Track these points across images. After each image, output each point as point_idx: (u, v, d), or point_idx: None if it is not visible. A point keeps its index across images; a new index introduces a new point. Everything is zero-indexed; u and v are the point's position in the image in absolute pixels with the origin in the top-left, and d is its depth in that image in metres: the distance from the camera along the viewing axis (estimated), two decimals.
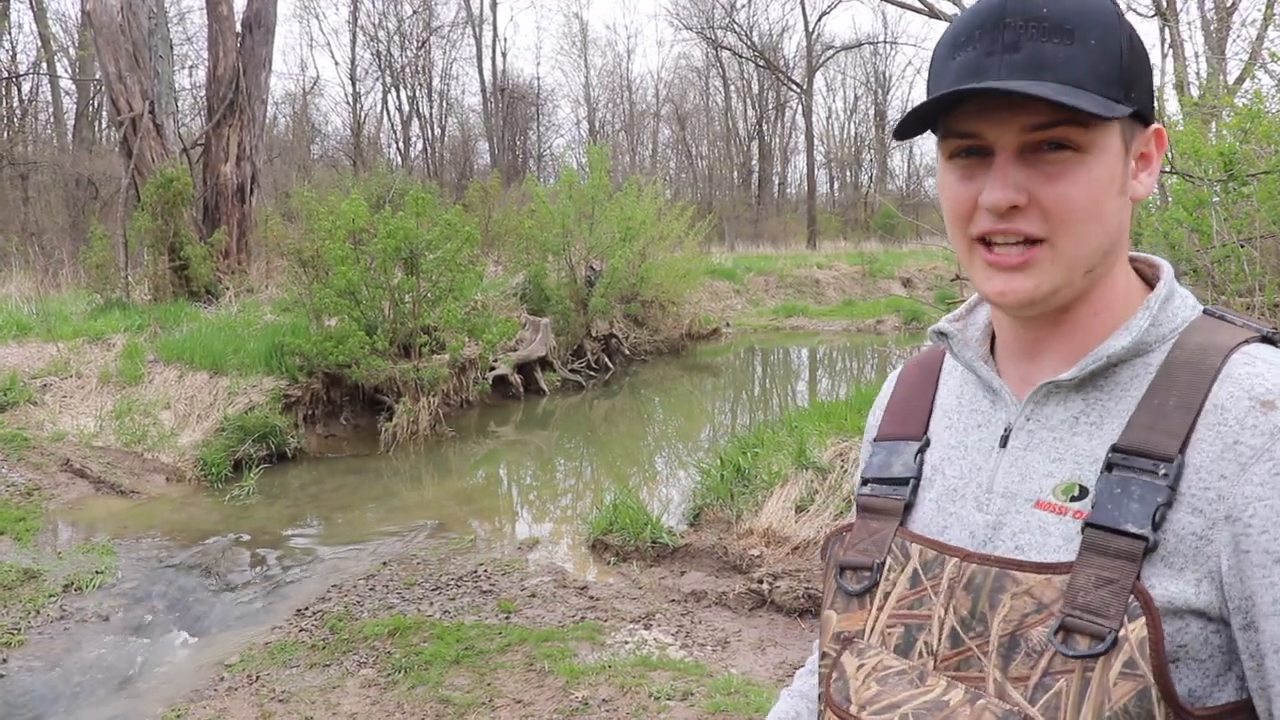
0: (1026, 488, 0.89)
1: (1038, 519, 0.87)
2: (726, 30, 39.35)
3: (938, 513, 0.96)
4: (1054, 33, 0.82)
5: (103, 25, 12.99)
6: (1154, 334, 0.88)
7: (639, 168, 39.56)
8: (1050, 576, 0.83)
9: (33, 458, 7.85)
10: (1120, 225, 0.89)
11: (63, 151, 25.66)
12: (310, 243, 10.56)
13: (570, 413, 12.08)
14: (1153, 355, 0.88)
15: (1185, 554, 0.79)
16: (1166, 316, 0.89)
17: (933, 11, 12.95)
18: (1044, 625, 0.81)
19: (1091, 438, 0.87)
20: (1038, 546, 0.86)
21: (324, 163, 34.05)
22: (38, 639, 5.05)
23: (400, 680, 4.44)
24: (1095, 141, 0.84)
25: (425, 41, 38.35)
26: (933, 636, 0.89)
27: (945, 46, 0.89)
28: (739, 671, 4.47)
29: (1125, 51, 0.85)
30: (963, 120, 0.87)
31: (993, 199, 0.85)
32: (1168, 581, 0.79)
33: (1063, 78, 0.82)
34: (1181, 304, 0.91)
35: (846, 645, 0.97)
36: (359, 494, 8.18)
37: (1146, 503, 0.80)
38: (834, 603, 1.01)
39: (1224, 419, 0.80)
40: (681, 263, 16.93)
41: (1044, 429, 0.90)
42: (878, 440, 1.08)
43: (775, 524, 6.08)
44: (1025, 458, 0.91)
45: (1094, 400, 0.88)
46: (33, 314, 11.15)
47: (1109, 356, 0.87)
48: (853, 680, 0.94)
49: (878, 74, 43.69)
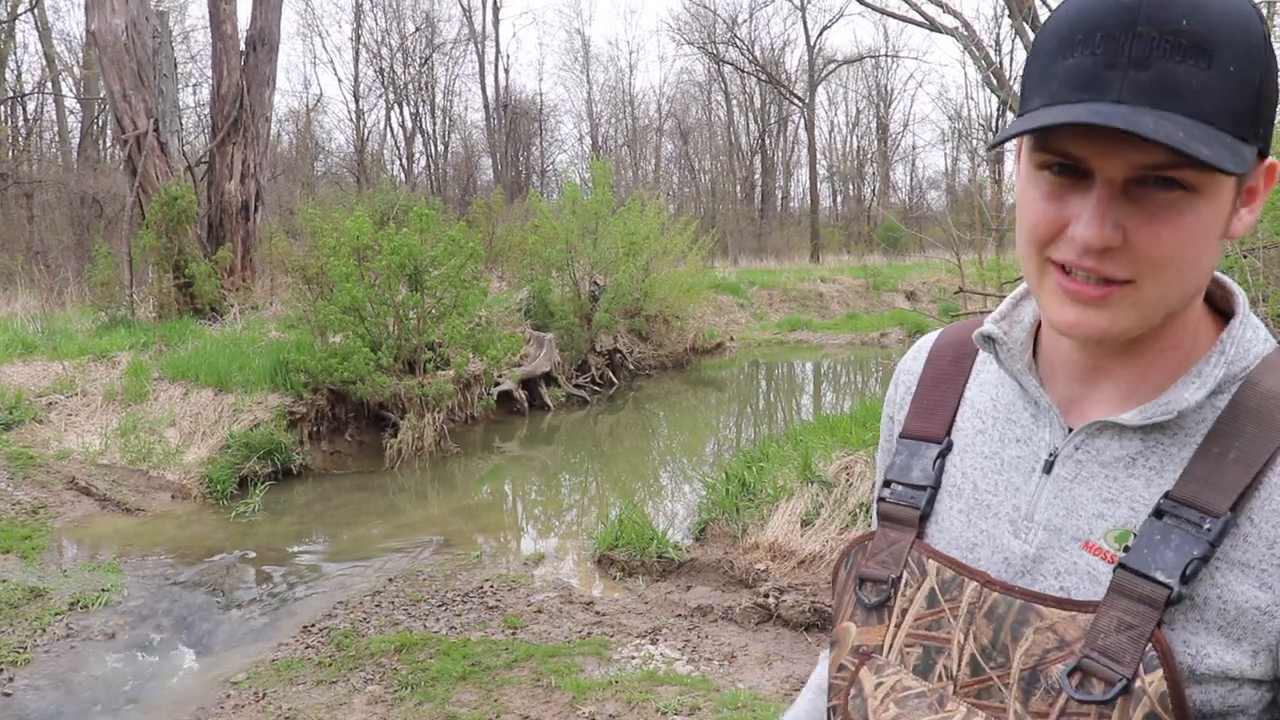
0: (1073, 524, 0.84)
1: (1086, 562, 0.83)
2: (728, 45, 39.58)
3: (967, 527, 0.92)
4: (1191, 52, 0.71)
5: (107, 44, 13.07)
6: (1224, 376, 0.82)
7: (642, 183, 39.69)
8: (1075, 614, 0.80)
9: (38, 476, 7.87)
10: (1212, 268, 0.81)
11: (67, 170, 25.81)
12: (315, 260, 10.59)
13: (575, 428, 12.08)
14: (1220, 397, 0.82)
15: (1245, 626, 0.75)
16: (1239, 354, 0.83)
17: (934, 25, 12.98)
18: (1063, 664, 0.79)
19: (1150, 484, 0.81)
20: (1086, 592, 0.82)
21: (328, 180, 34.18)
22: (44, 657, 5.05)
23: (407, 697, 4.43)
24: (1210, 182, 0.75)
25: (428, 58, 38.55)
26: (952, 661, 0.86)
27: (1055, 40, 0.77)
28: (746, 686, 4.45)
29: (1264, 82, 0.75)
30: (1068, 139, 0.76)
31: (1087, 236, 0.76)
32: (1223, 650, 0.76)
33: (1193, 110, 0.71)
34: (1254, 337, 0.84)
35: (865, 660, 0.93)
36: (364, 510, 8.18)
37: (1181, 554, 0.76)
38: (853, 615, 0.97)
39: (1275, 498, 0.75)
40: (685, 277, 16.94)
41: (1096, 463, 0.85)
42: (903, 436, 1.02)
43: (781, 538, 6.07)
44: (1073, 490, 0.85)
45: (1154, 442, 0.82)
46: (38, 332, 11.17)
47: (1181, 411, 0.80)
48: (871, 699, 0.91)
49: (879, 87, 43.84)
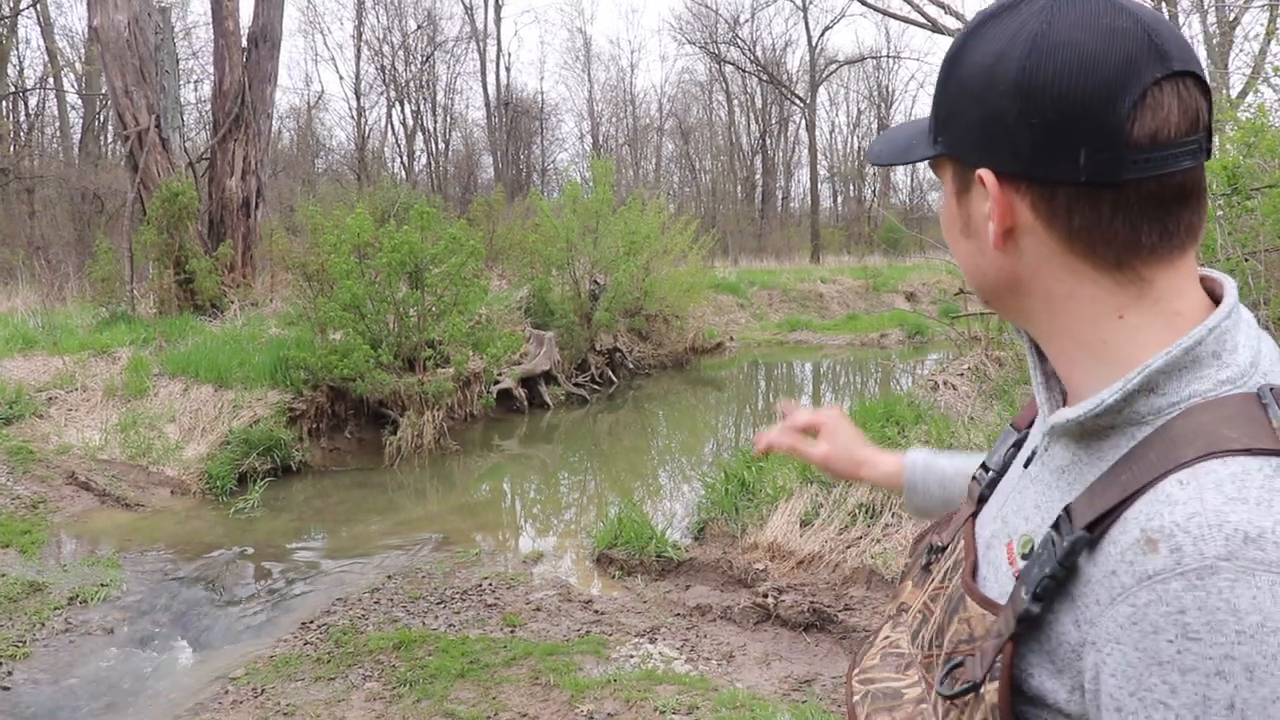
0: (1012, 522, 0.85)
1: (1000, 557, 0.84)
2: (730, 45, 39.60)
3: (988, 514, 0.94)
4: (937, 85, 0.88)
5: (110, 41, 13.07)
6: (1149, 405, 0.76)
7: (643, 182, 39.67)
8: (986, 614, 0.80)
9: (38, 471, 7.87)
10: (978, 268, 0.87)
11: (69, 165, 25.83)
12: (315, 257, 10.59)
13: (574, 426, 12.09)
14: (1143, 430, 0.76)
15: (1064, 658, 0.73)
16: (1175, 387, 0.75)
17: (935, 26, 12.99)
18: (960, 656, 0.81)
19: (1065, 495, 0.80)
20: (990, 583, 0.84)
21: (328, 177, 34.19)
22: (43, 652, 5.05)
23: (405, 694, 4.44)
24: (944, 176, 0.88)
25: (429, 56, 38.57)
26: (927, 633, 0.90)
27: None
28: (744, 685, 4.46)
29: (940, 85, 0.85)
30: None
31: None
32: (1048, 677, 0.74)
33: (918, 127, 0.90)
34: (1211, 375, 0.75)
35: (897, 615, 0.99)
36: (363, 507, 8.18)
37: (1041, 569, 0.74)
38: (914, 575, 1.01)
39: (1118, 539, 0.70)
40: (685, 277, 16.95)
41: (1046, 469, 0.85)
42: (1011, 424, 1.04)
43: (780, 538, 6.07)
44: (1026, 491, 0.86)
45: (1077, 458, 0.81)
46: (39, 327, 11.18)
47: (1054, 425, 0.81)
48: (872, 648, 0.98)
49: (881, 88, 43.90)
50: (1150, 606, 0.66)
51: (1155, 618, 0.65)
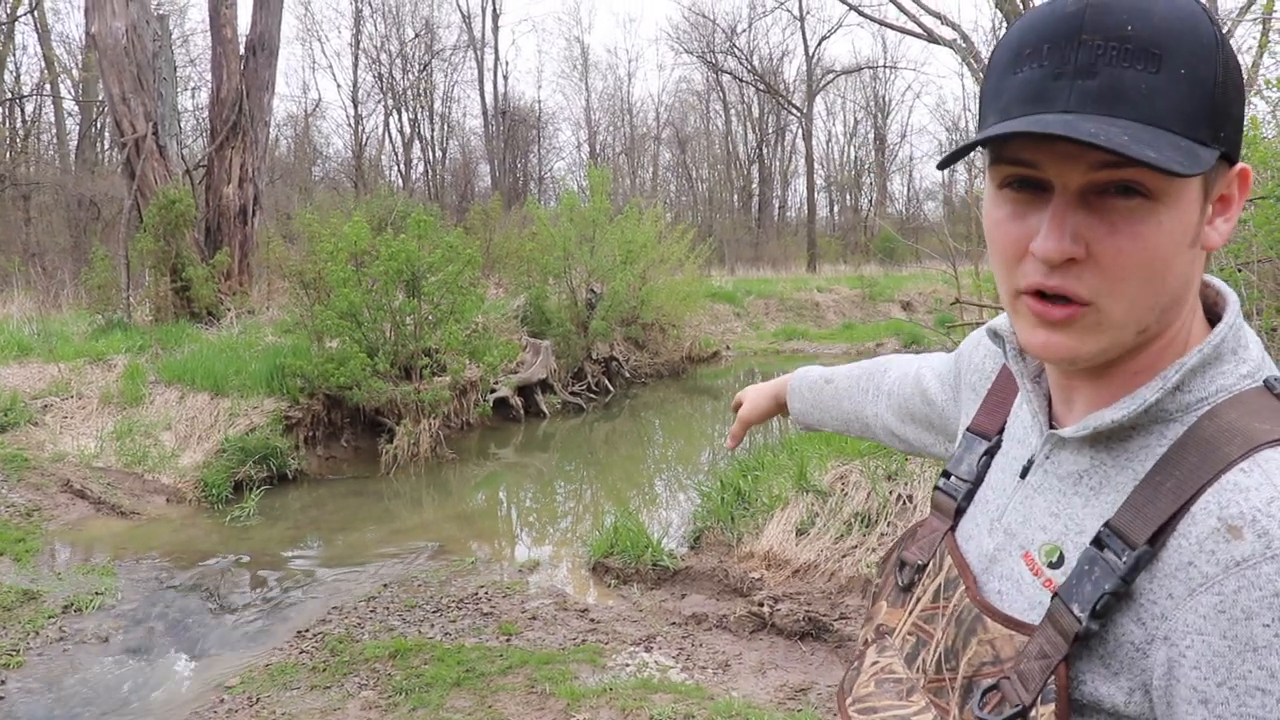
0: (1024, 532, 0.84)
1: (1018, 570, 0.83)
2: (727, 54, 39.66)
3: (973, 526, 0.93)
4: (1138, 57, 0.71)
5: (107, 48, 13.09)
6: (1177, 402, 0.77)
7: (639, 191, 39.76)
8: (1014, 634, 0.79)
9: (33, 478, 7.86)
10: (1186, 281, 0.78)
11: (65, 172, 25.80)
12: (312, 265, 10.60)
13: (571, 435, 12.09)
14: (1171, 427, 0.76)
15: (1123, 660, 0.72)
16: (1201, 384, 0.77)
17: (932, 37, 13.05)
18: (990, 679, 0.79)
19: (1087, 504, 0.79)
20: (1010, 598, 0.82)
21: (325, 185, 34.18)
22: (37, 660, 5.04)
23: (401, 702, 4.43)
24: (1170, 188, 0.73)
25: (427, 64, 38.63)
26: (929, 656, 0.88)
27: (1007, 53, 0.77)
28: (740, 694, 4.46)
29: (1219, 83, 0.73)
30: (1019, 147, 0.75)
31: (1046, 249, 0.74)
32: (1101, 682, 0.73)
33: (1143, 114, 0.70)
34: (1232, 370, 0.78)
35: (879, 638, 0.97)
36: (359, 516, 8.17)
37: (1097, 587, 0.73)
38: (889, 594, 1.00)
39: (1189, 532, 0.70)
40: (682, 286, 16.97)
41: (1054, 475, 0.83)
42: (970, 430, 1.02)
43: (776, 547, 6.07)
44: (1032, 500, 0.85)
45: (1099, 463, 0.80)
46: (34, 334, 11.17)
47: (1096, 428, 0.78)
48: (861, 675, 0.96)
49: (877, 98, 43.96)
50: (1241, 593, 0.65)
51: (1248, 603, 0.65)
